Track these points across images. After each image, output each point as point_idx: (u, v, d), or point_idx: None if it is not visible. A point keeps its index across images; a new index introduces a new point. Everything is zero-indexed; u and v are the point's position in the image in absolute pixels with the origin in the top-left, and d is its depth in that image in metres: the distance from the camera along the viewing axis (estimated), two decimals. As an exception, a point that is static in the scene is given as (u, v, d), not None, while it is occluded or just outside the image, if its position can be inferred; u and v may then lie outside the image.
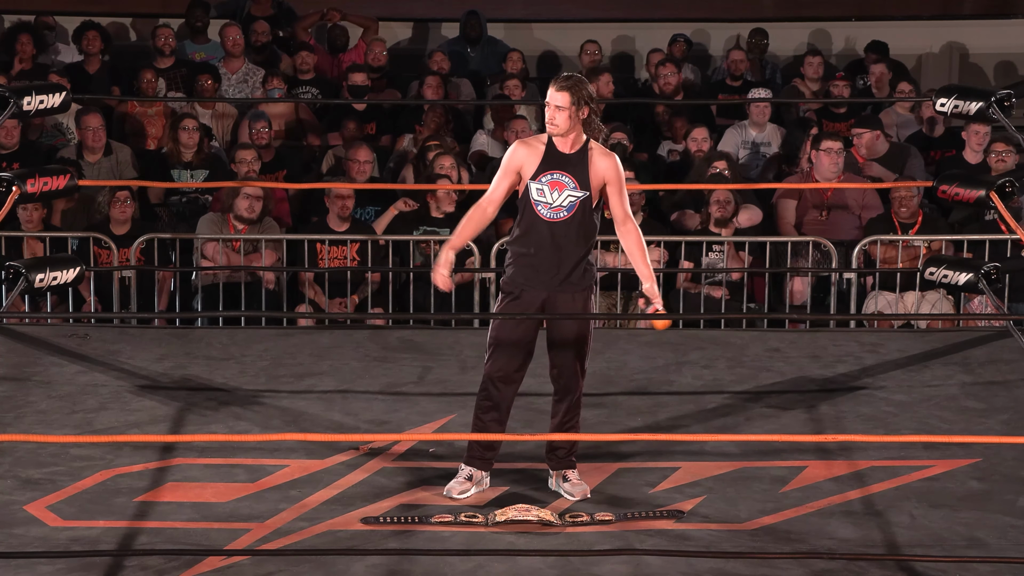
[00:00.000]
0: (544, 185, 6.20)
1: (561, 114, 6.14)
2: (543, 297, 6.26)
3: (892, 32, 12.80)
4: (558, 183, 6.19)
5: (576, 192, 6.18)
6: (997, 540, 5.93)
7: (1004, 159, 9.84)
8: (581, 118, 6.17)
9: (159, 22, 12.41)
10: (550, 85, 6.21)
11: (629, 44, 13.52)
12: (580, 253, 6.22)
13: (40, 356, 7.84)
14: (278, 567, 5.63)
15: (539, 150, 6.22)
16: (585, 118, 6.18)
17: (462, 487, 6.33)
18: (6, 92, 7.45)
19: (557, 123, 6.15)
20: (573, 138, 6.20)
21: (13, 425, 6.96)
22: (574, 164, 6.19)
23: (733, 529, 6.02)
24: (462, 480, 6.35)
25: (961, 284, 7.22)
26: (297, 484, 6.39)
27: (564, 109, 6.14)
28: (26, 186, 7.42)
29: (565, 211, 6.20)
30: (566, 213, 6.20)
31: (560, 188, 6.19)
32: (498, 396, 6.32)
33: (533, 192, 6.21)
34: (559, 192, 6.19)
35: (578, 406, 6.35)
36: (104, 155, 10.46)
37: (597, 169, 6.19)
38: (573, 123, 6.17)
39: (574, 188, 6.19)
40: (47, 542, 5.83)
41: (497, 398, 6.32)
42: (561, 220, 6.20)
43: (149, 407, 7.24)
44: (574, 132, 6.19)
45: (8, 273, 6.87)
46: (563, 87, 6.15)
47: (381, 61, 12.10)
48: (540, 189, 6.20)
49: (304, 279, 9.45)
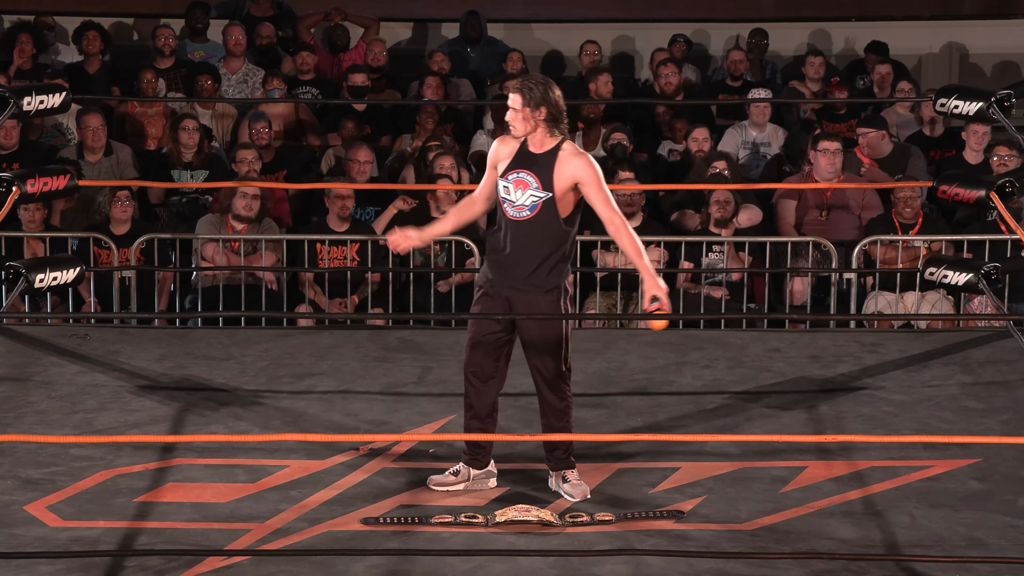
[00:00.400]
0: (510, 183, 6.21)
1: (515, 115, 6.18)
2: (505, 296, 6.26)
3: (892, 32, 12.80)
4: (523, 182, 6.20)
5: (538, 192, 6.18)
6: (997, 540, 5.93)
7: (1006, 163, 9.85)
8: (539, 119, 6.17)
9: (159, 22, 12.42)
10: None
11: (629, 44, 13.52)
12: (543, 254, 6.19)
13: (40, 356, 7.84)
14: (278, 567, 5.63)
15: (514, 148, 6.24)
16: (544, 118, 6.17)
17: (443, 479, 6.37)
18: (6, 92, 7.45)
19: (513, 124, 6.20)
20: (540, 138, 6.20)
21: (13, 425, 6.96)
22: (540, 164, 6.18)
23: (733, 529, 6.01)
24: (447, 473, 6.38)
25: (961, 284, 7.20)
26: (297, 484, 6.38)
27: (517, 111, 6.17)
28: (26, 186, 7.41)
29: (528, 211, 6.19)
30: (528, 213, 6.19)
31: (524, 187, 6.20)
32: (473, 393, 6.33)
33: (500, 190, 6.23)
34: (523, 191, 6.20)
35: (565, 408, 6.33)
36: (104, 155, 10.46)
37: (564, 170, 6.16)
38: (530, 124, 6.17)
39: (536, 188, 6.18)
40: (47, 542, 5.83)
41: (472, 395, 6.33)
42: (524, 219, 6.19)
43: (149, 407, 7.24)
44: (537, 133, 6.19)
45: (8, 273, 6.86)
46: (514, 88, 6.20)
47: (381, 61, 12.10)
48: (506, 187, 6.22)
49: (304, 279, 9.45)
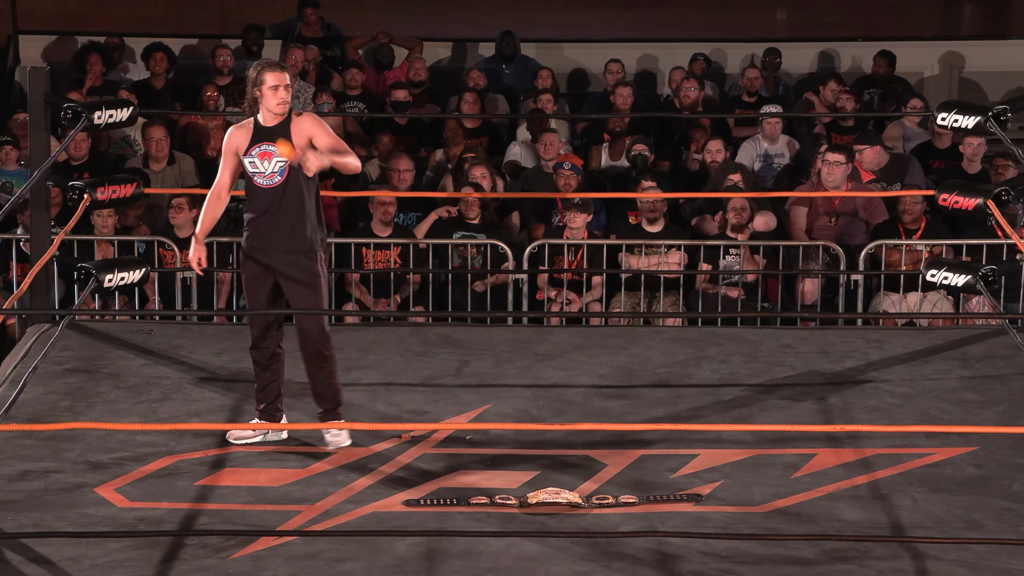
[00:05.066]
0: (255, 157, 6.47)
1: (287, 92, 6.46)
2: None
3: (896, 51, 12.74)
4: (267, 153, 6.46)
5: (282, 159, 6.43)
6: (994, 522, 5.90)
7: (1002, 172, 9.81)
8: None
9: (219, 43, 12.47)
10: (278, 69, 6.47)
11: (652, 62, 13.50)
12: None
13: (109, 350, 7.86)
14: (327, 546, 5.64)
15: (249, 130, 6.53)
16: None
17: (241, 433, 6.59)
18: (78, 107, 7.49)
19: (287, 100, 6.46)
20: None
21: (84, 414, 6.99)
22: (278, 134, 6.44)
23: (748, 512, 6.00)
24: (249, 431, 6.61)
25: (960, 285, 7.17)
26: (344, 469, 6.39)
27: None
28: (96, 194, 7.46)
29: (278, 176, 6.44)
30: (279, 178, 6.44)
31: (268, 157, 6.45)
32: (256, 355, 6.60)
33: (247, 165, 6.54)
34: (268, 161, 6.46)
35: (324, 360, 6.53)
36: (168, 164, 10.49)
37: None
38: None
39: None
40: (115, 522, 5.85)
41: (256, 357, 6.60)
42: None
43: (208, 398, 7.26)
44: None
45: (80, 274, 6.90)
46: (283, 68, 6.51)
47: (422, 77, 12.11)
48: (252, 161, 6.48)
49: (351, 280, 9.46)
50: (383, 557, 5.56)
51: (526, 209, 10.28)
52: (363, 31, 13.02)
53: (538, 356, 7.84)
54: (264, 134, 6.45)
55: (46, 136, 7.89)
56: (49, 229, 7.99)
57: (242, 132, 6.52)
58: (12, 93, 12.67)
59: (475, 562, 5.52)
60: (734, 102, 12.19)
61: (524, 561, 5.54)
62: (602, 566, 5.51)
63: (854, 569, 5.50)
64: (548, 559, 5.55)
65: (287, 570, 5.47)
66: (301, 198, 6.44)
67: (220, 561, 5.52)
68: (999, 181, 9.33)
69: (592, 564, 5.52)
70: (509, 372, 7.64)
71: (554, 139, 10.78)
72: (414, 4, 14.59)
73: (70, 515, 5.90)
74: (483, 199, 9.68)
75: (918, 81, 13.26)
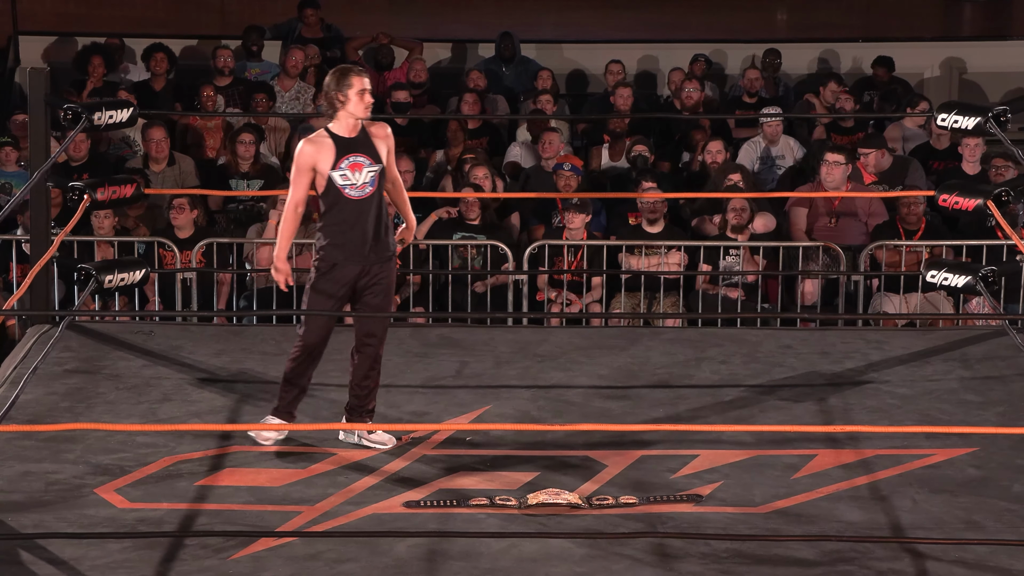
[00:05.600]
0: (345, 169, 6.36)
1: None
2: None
3: (896, 52, 12.74)
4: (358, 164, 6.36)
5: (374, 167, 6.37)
6: (993, 523, 5.90)
7: (1002, 173, 9.79)
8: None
9: (220, 43, 12.47)
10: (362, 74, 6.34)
11: (652, 63, 13.50)
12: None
13: (109, 351, 7.85)
14: (327, 547, 5.63)
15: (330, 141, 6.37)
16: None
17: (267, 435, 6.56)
18: (79, 108, 7.48)
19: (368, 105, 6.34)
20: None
21: (84, 415, 6.98)
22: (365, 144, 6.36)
23: (748, 512, 5.99)
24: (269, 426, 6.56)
25: (960, 286, 7.16)
26: (344, 470, 6.38)
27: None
28: (96, 194, 7.45)
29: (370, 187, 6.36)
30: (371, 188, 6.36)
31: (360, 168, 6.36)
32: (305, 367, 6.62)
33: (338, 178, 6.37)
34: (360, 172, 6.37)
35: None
36: (168, 165, 10.48)
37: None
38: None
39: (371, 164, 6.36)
40: (115, 522, 5.84)
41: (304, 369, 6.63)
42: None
43: (208, 398, 7.25)
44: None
45: (80, 274, 6.89)
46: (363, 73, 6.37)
47: (422, 78, 12.10)
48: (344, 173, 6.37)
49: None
50: (383, 558, 5.55)
51: (526, 210, 10.28)
52: (363, 32, 13.02)
53: (538, 357, 7.83)
54: (349, 145, 6.30)
55: (46, 137, 7.87)
56: (49, 230, 7.98)
57: (320, 146, 6.33)
58: (12, 94, 12.67)
59: (475, 563, 5.51)
60: (734, 103, 12.18)
61: (524, 562, 5.53)
62: (602, 567, 5.50)
63: (854, 570, 5.49)
64: (548, 560, 5.54)
65: (287, 571, 5.46)
66: (384, 204, 6.38)
67: (220, 562, 5.51)
68: (999, 182, 9.33)
69: (592, 565, 5.51)
70: (509, 373, 7.63)
71: (554, 139, 10.77)
72: (414, 5, 14.61)
73: (70, 516, 5.89)
74: (483, 200, 9.67)
75: (918, 82, 13.26)
